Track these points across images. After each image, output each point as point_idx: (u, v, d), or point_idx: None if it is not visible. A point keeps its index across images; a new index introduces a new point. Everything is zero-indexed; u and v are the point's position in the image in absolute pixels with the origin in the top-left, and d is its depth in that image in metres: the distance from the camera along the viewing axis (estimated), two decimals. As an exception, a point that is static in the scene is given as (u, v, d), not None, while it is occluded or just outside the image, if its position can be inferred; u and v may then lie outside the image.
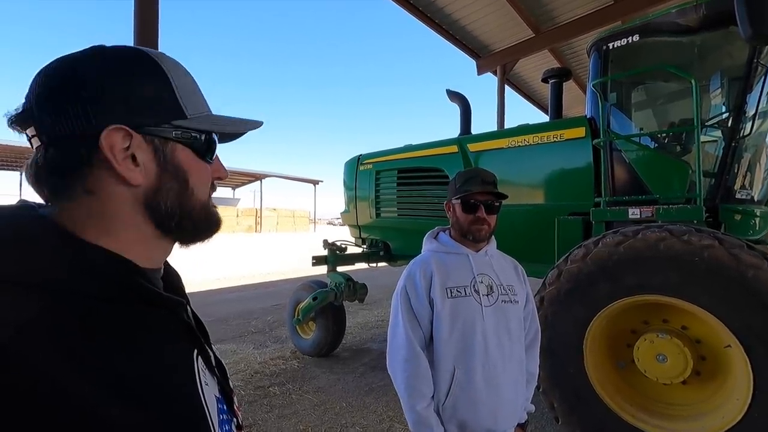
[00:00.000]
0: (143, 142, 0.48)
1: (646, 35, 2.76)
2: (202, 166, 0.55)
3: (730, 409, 1.94)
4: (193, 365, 0.52)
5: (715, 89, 2.84)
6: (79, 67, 0.47)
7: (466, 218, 1.40)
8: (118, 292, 0.45)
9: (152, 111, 0.49)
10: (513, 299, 1.40)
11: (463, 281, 1.36)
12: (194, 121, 0.52)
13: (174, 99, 0.51)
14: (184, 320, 0.55)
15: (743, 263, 1.85)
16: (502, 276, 1.42)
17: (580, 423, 2.29)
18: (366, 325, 5.56)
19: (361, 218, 4.80)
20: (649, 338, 2.18)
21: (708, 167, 2.64)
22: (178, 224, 0.52)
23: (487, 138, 3.77)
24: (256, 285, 9.14)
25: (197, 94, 0.56)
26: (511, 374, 1.34)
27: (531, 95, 11.32)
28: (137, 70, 0.49)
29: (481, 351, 1.30)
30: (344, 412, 3.05)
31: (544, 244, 3.13)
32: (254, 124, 0.62)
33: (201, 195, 0.55)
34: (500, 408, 1.31)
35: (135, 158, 0.47)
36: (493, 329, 1.32)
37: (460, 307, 1.32)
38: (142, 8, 3.22)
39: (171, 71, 0.51)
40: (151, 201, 0.49)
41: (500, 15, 7.23)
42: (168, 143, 0.50)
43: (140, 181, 0.48)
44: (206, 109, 0.57)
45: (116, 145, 0.46)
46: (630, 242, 2.14)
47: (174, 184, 0.51)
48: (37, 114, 0.46)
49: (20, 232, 0.43)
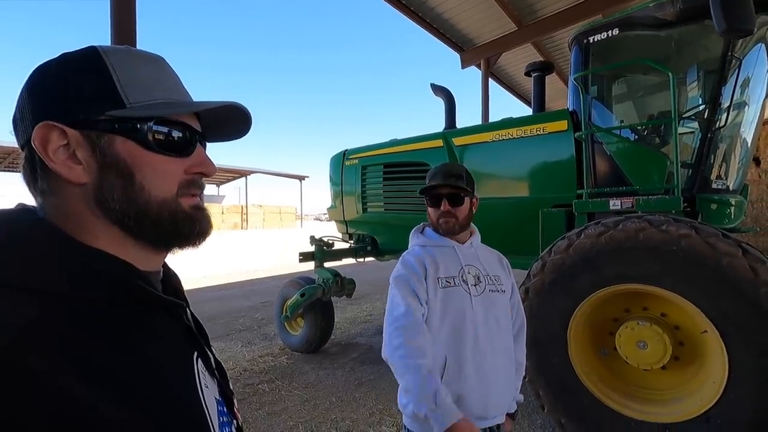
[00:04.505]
0: (81, 138, 0.47)
1: (626, 29, 2.81)
2: (158, 159, 0.49)
3: (707, 392, 2.01)
4: (193, 367, 0.52)
5: (692, 82, 2.91)
6: (34, 74, 0.49)
7: (434, 212, 1.45)
8: (117, 294, 0.45)
9: (85, 105, 0.47)
10: (500, 289, 1.43)
11: (452, 272, 1.38)
12: (134, 110, 0.48)
13: (111, 89, 0.47)
14: (183, 322, 0.55)
15: (719, 251, 1.91)
16: (488, 266, 1.45)
17: (565, 410, 2.35)
18: (354, 320, 5.57)
19: (348, 213, 4.80)
20: (630, 326, 2.24)
21: (685, 158, 2.71)
22: (138, 224, 0.49)
23: (472, 132, 3.80)
24: (242, 282, 9.08)
25: (156, 82, 0.51)
26: (500, 363, 1.36)
27: (515, 88, 11.41)
28: (74, 68, 0.48)
29: (471, 340, 1.31)
30: (334, 407, 3.07)
31: (528, 236, 3.18)
32: (214, 103, 0.54)
33: (158, 191, 0.49)
34: (490, 396, 1.32)
35: (77, 155, 0.47)
36: (482, 318, 1.35)
37: (451, 296, 1.34)
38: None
39: (117, 62, 0.49)
40: (99, 198, 0.47)
41: (483, 8, 7.26)
42: (104, 136, 0.47)
43: (84, 179, 0.47)
44: (166, 97, 0.51)
45: (50, 143, 0.46)
46: (611, 233, 2.18)
47: (117, 179, 0.47)
48: (19, 121, 0.49)
49: (17, 236, 0.44)
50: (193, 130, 0.54)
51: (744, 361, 1.88)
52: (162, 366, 0.46)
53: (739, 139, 2.82)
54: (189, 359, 0.52)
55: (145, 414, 0.40)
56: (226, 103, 0.54)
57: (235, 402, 0.61)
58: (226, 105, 0.55)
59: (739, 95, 2.63)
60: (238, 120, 0.60)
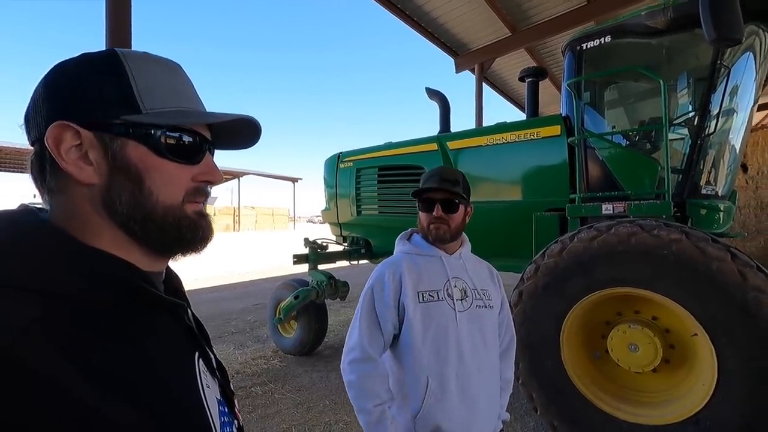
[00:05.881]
0: (95, 140, 0.47)
1: (618, 36, 2.85)
2: (168, 166, 0.50)
3: (697, 394, 2.04)
4: (195, 368, 0.52)
5: (682, 89, 2.96)
6: (52, 72, 0.49)
7: (425, 217, 1.35)
8: (120, 295, 0.46)
9: (102, 108, 0.47)
10: (488, 304, 1.34)
11: (436, 285, 1.29)
12: (149, 117, 0.49)
13: (128, 95, 0.48)
14: (185, 323, 0.55)
15: (708, 256, 1.94)
16: (476, 280, 1.36)
17: (558, 412, 2.36)
18: (348, 322, 5.54)
19: (342, 216, 4.80)
20: (622, 329, 2.27)
21: (676, 164, 2.76)
22: (143, 228, 0.49)
23: (466, 136, 3.83)
24: (235, 285, 9.01)
25: (172, 90, 0.52)
26: (485, 383, 1.28)
27: (508, 93, 11.50)
28: (93, 69, 0.49)
29: (454, 359, 1.23)
30: (327, 410, 3.06)
31: (521, 240, 3.21)
32: (228, 116, 0.54)
33: (165, 197, 0.50)
34: (475, 419, 1.24)
35: (89, 156, 0.47)
36: (467, 336, 1.26)
37: (433, 312, 1.25)
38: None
39: (136, 68, 0.49)
40: (107, 200, 0.48)
41: (477, 13, 7.32)
42: (117, 139, 0.48)
43: (93, 180, 0.47)
44: (180, 105, 0.52)
45: (63, 143, 0.46)
46: (603, 237, 2.21)
47: (126, 182, 0.48)
48: (31, 117, 0.49)
49: (20, 236, 0.44)
50: (204, 139, 0.54)
51: (733, 364, 1.91)
52: (164, 366, 0.46)
53: (728, 146, 2.87)
54: (190, 359, 0.53)
55: (147, 414, 0.40)
56: (240, 116, 0.55)
57: (236, 402, 0.62)
58: (244, 119, 0.55)
59: (728, 103, 2.68)
60: (248, 132, 0.60)
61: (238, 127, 0.58)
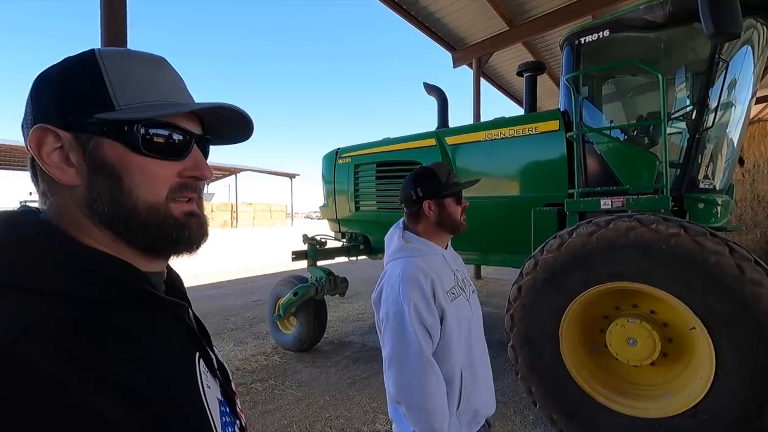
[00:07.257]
0: (74, 141, 0.47)
1: (616, 30, 2.85)
2: (147, 162, 0.48)
3: (695, 387, 2.06)
4: (195, 368, 0.52)
5: (680, 83, 2.96)
6: (37, 78, 0.50)
7: (457, 210, 1.37)
8: (119, 295, 0.46)
9: (75, 108, 0.47)
10: (474, 289, 1.47)
11: (452, 281, 1.33)
12: (123, 112, 0.47)
13: (102, 92, 0.47)
14: (185, 323, 0.55)
15: (707, 250, 1.95)
16: (463, 269, 1.47)
17: (557, 406, 2.38)
18: (347, 318, 5.57)
19: (341, 212, 4.80)
20: (620, 323, 2.28)
21: (674, 158, 2.76)
22: (126, 228, 0.48)
23: (465, 131, 3.82)
24: (233, 281, 9.01)
25: (151, 84, 0.50)
26: (486, 358, 1.42)
27: (506, 88, 11.46)
28: (69, 71, 0.48)
29: (475, 346, 1.34)
30: (328, 406, 3.07)
31: (520, 235, 3.21)
32: (203, 105, 0.52)
33: (147, 195, 0.48)
34: (490, 392, 1.39)
35: (70, 158, 0.47)
36: (476, 321, 1.38)
37: (460, 307, 1.30)
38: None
39: (111, 66, 0.48)
40: (89, 200, 0.47)
41: (475, 8, 7.28)
42: (93, 138, 0.47)
43: (76, 181, 0.47)
44: (161, 99, 0.50)
45: (44, 146, 0.46)
46: (602, 232, 2.22)
47: (104, 182, 0.47)
48: (23, 123, 0.50)
49: (20, 236, 0.44)
50: (188, 133, 0.52)
51: (731, 357, 1.93)
52: (164, 367, 0.46)
53: (726, 140, 2.88)
54: (191, 360, 0.52)
55: (146, 415, 0.40)
56: (218, 105, 0.52)
57: (237, 402, 0.61)
58: (222, 108, 0.53)
59: (726, 96, 2.69)
60: (239, 124, 0.58)
61: (228, 119, 0.56)
